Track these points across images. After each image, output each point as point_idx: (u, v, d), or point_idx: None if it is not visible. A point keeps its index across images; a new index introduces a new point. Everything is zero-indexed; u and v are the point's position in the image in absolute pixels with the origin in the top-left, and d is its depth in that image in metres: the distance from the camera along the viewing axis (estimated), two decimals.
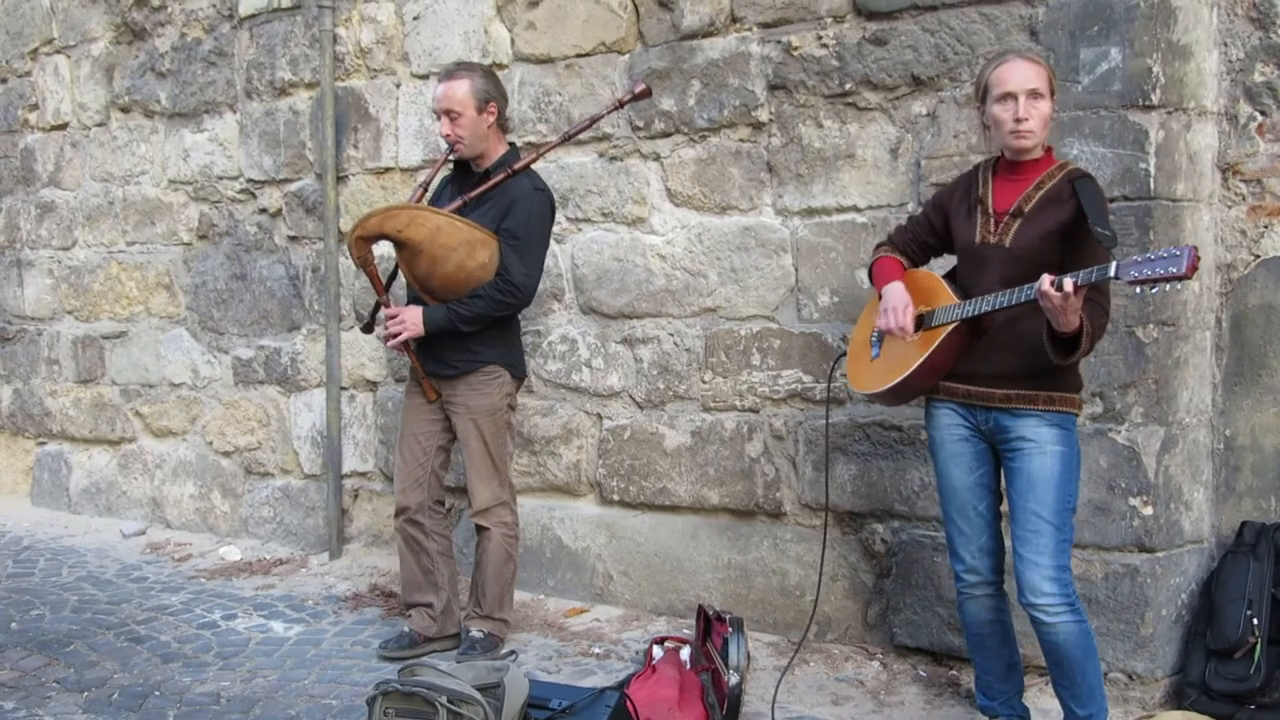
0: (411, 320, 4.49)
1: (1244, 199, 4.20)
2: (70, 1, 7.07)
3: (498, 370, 4.60)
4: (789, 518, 4.80)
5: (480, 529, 4.65)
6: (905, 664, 4.48)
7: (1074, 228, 3.36)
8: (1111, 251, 3.22)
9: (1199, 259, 2.95)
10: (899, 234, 3.90)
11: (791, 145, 4.71)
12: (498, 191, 4.50)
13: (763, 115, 4.76)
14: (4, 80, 7.52)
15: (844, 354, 4.02)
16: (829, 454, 4.52)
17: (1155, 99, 3.96)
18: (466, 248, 4.39)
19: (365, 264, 4.51)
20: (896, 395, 3.71)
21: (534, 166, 4.63)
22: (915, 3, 4.38)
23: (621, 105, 4.69)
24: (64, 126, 7.22)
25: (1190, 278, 2.95)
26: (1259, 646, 3.95)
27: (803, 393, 4.73)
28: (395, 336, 4.52)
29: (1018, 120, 3.39)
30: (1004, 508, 3.63)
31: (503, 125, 4.64)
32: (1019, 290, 3.28)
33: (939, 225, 3.75)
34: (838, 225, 4.64)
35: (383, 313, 4.65)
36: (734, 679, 4.02)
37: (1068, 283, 3.10)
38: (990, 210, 3.53)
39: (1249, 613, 3.97)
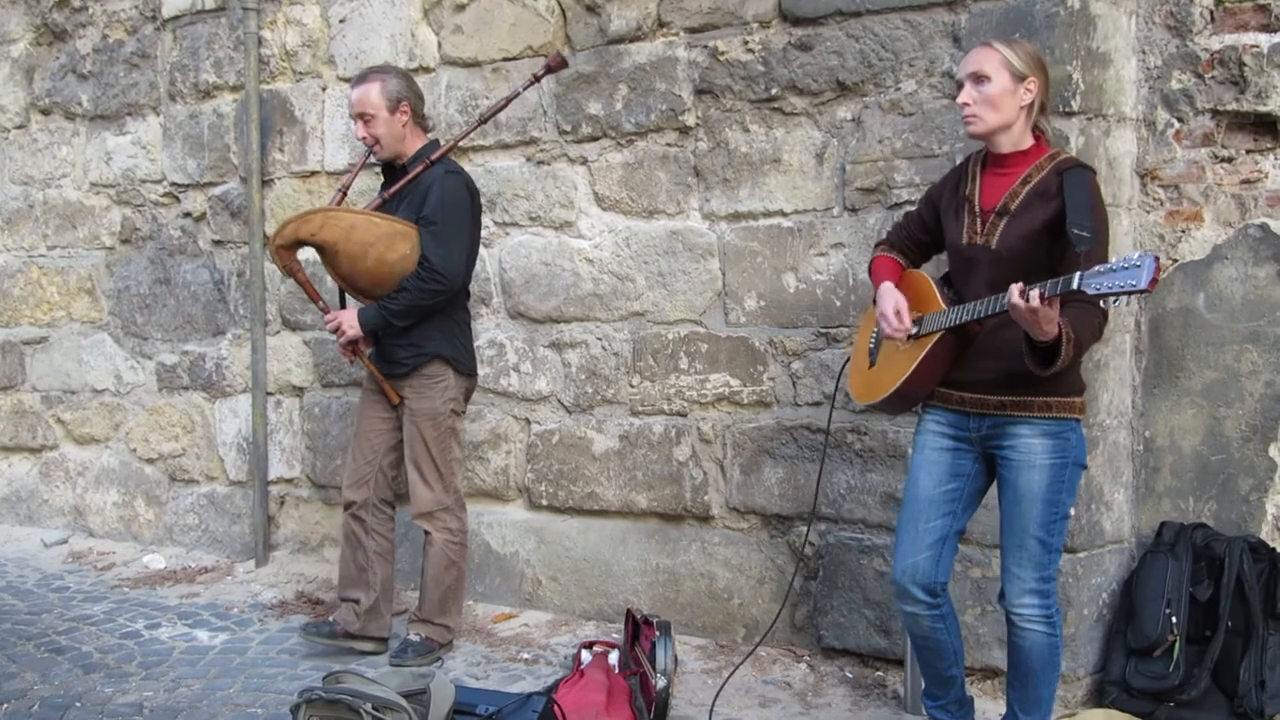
0: (348, 322, 4.54)
1: (1162, 204, 4.27)
2: None
3: (441, 370, 4.58)
4: (717, 521, 4.81)
5: (425, 532, 4.66)
6: (832, 666, 4.51)
7: (1061, 226, 3.12)
8: (1096, 254, 3.05)
9: (1160, 270, 2.67)
10: (895, 231, 3.68)
11: (718, 150, 4.72)
12: (415, 184, 4.51)
13: (689, 120, 4.78)
14: None
15: (849, 360, 3.83)
16: (824, 463, 4.44)
17: (1075, 105, 4.02)
18: (385, 241, 4.40)
19: (292, 273, 4.58)
20: (892, 405, 3.53)
21: (472, 161, 4.64)
22: (840, 9, 4.41)
23: (538, 80, 4.68)
24: None
25: (1151, 291, 2.73)
26: (1178, 645, 4.01)
27: (730, 396, 4.75)
28: (340, 343, 4.61)
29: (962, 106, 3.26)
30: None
31: (421, 123, 4.65)
32: (996, 299, 3.07)
33: (931, 222, 3.54)
34: (764, 229, 4.66)
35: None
36: (661, 682, 4.04)
37: (1034, 295, 2.91)
38: (977, 209, 3.32)
39: (1168, 611, 4.03)
